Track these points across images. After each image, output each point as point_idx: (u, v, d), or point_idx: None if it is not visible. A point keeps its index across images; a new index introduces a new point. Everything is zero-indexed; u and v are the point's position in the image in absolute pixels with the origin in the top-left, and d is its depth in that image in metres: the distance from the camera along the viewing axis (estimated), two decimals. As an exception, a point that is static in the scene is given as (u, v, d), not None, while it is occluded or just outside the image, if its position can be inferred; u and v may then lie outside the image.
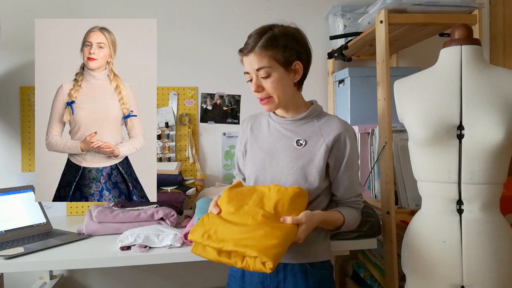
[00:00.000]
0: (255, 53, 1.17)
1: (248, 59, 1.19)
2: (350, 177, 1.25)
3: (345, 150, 1.23)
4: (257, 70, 1.18)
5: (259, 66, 1.17)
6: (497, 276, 1.20)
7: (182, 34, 2.13)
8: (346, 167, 1.24)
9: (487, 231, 1.21)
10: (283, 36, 1.18)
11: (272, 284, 1.22)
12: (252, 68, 1.18)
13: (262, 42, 1.17)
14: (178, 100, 2.13)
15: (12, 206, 1.64)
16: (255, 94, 1.22)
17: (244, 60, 1.21)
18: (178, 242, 1.45)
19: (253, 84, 1.20)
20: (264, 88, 1.19)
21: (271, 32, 1.18)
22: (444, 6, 1.52)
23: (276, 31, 1.18)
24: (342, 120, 1.27)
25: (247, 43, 1.20)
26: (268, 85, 1.18)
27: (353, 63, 2.00)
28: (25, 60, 2.00)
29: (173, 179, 1.77)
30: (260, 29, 1.20)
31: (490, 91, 1.22)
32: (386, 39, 1.50)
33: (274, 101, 1.21)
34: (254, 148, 1.31)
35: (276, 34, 1.18)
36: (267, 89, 1.19)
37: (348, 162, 1.24)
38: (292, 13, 2.19)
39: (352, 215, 1.26)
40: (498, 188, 1.23)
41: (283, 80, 1.19)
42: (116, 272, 2.08)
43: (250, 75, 1.20)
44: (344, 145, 1.23)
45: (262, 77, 1.18)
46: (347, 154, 1.23)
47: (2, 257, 1.33)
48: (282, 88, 1.20)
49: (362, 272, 1.91)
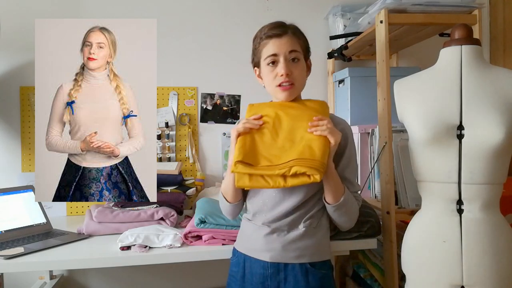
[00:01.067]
0: (289, 36, 1.19)
1: (280, 40, 1.18)
2: (349, 173, 1.26)
3: (346, 147, 1.25)
4: (290, 52, 1.18)
5: (293, 48, 1.18)
6: (497, 276, 1.20)
7: (182, 34, 2.13)
8: (345, 162, 1.25)
9: (487, 231, 1.21)
10: (299, 31, 1.24)
11: (273, 284, 1.22)
12: (284, 49, 1.17)
13: (292, 29, 1.21)
14: (178, 100, 2.13)
15: (12, 206, 1.64)
16: (277, 79, 1.19)
17: (272, 42, 1.19)
18: (178, 242, 1.45)
19: (283, 66, 1.17)
20: (292, 72, 1.19)
21: (294, 25, 1.23)
22: (444, 6, 1.52)
23: (294, 26, 1.24)
24: (341, 118, 1.30)
25: (275, 28, 1.19)
26: (296, 71, 1.19)
27: (353, 63, 2.00)
28: (25, 60, 2.00)
29: (173, 179, 1.77)
30: (279, 21, 1.23)
31: (490, 91, 1.22)
32: (386, 39, 1.50)
33: (296, 88, 1.21)
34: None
35: (299, 28, 1.24)
36: (294, 75, 1.19)
37: (347, 158, 1.25)
38: (292, 13, 2.19)
39: (353, 200, 1.24)
40: (498, 188, 1.23)
41: (304, 70, 1.23)
42: (116, 272, 2.08)
43: (277, 57, 1.18)
44: (345, 142, 1.24)
45: (292, 60, 1.19)
46: (347, 150, 1.25)
47: (2, 257, 1.33)
48: (303, 78, 1.23)
49: (362, 272, 1.91)
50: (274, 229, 1.22)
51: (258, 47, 1.22)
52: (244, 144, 1.15)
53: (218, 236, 1.46)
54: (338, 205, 1.20)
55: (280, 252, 1.21)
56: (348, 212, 1.23)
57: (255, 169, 1.12)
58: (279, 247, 1.21)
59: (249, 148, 1.15)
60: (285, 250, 1.21)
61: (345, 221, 1.26)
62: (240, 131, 1.18)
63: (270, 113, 1.21)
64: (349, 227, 1.31)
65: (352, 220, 1.28)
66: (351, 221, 1.28)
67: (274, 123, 1.19)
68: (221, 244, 1.46)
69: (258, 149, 1.15)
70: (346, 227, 1.30)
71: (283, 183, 1.11)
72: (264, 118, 1.20)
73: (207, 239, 1.46)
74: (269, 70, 1.20)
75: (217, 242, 1.46)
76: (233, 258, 1.34)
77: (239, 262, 1.28)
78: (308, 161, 1.09)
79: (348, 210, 1.23)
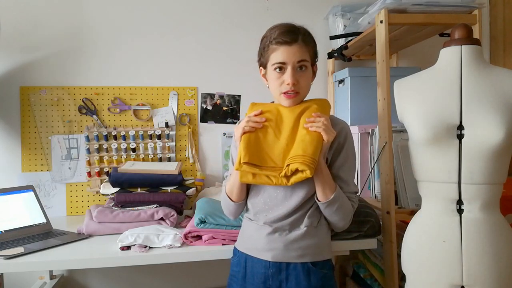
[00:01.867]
0: (299, 45, 1.17)
1: (291, 49, 1.16)
2: (344, 172, 1.25)
3: (343, 147, 1.25)
4: (299, 61, 1.17)
5: (302, 58, 1.17)
6: (497, 276, 1.19)
7: (182, 34, 2.13)
8: (341, 161, 1.25)
9: (487, 231, 1.21)
10: (309, 35, 1.22)
11: (275, 284, 1.22)
12: (293, 58, 1.16)
13: (303, 35, 1.18)
14: (178, 100, 2.13)
15: (12, 206, 1.64)
16: (283, 87, 1.19)
17: (282, 50, 1.17)
18: (178, 242, 1.45)
19: (290, 76, 1.16)
20: (299, 81, 1.19)
21: (304, 29, 1.21)
22: (444, 6, 1.52)
23: (305, 29, 1.21)
24: (341, 120, 1.30)
25: (286, 35, 1.17)
26: (302, 80, 1.19)
27: (353, 63, 2.00)
28: (25, 60, 2.00)
29: (173, 179, 1.77)
30: (290, 25, 1.20)
31: (490, 91, 1.22)
32: (386, 39, 1.50)
33: (300, 96, 1.22)
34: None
35: (309, 32, 1.22)
36: (300, 84, 1.19)
37: (344, 157, 1.25)
38: (292, 13, 2.19)
39: (345, 199, 1.23)
40: (498, 188, 1.23)
41: (310, 77, 1.23)
42: (116, 272, 2.08)
43: (285, 65, 1.18)
44: (343, 141, 1.25)
45: (299, 70, 1.18)
46: (344, 150, 1.25)
47: (2, 257, 1.33)
48: (308, 85, 1.23)
49: (362, 272, 1.91)
50: (276, 229, 1.22)
51: (267, 50, 1.21)
52: (248, 143, 1.16)
53: (218, 236, 1.46)
54: (328, 202, 1.19)
55: (282, 251, 1.21)
56: (339, 211, 1.21)
57: (260, 169, 1.14)
58: (281, 247, 1.21)
59: (254, 147, 1.16)
60: (287, 249, 1.21)
61: (338, 221, 1.24)
62: (246, 130, 1.18)
63: (272, 111, 1.22)
64: (342, 227, 1.28)
65: (345, 220, 1.25)
66: (344, 220, 1.25)
67: (277, 121, 1.20)
68: (221, 244, 1.46)
69: (262, 149, 1.17)
70: (339, 227, 1.27)
71: (285, 182, 1.14)
72: (266, 115, 1.21)
73: (207, 239, 1.46)
74: (276, 76, 1.20)
75: (217, 242, 1.46)
76: (234, 258, 1.34)
77: (240, 261, 1.29)
78: (300, 157, 1.11)
79: (340, 209, 1.21)
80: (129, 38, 2.08)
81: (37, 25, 2.01)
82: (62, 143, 2.02)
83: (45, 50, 2.02)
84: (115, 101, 2.07)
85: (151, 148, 2.07)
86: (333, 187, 1.20)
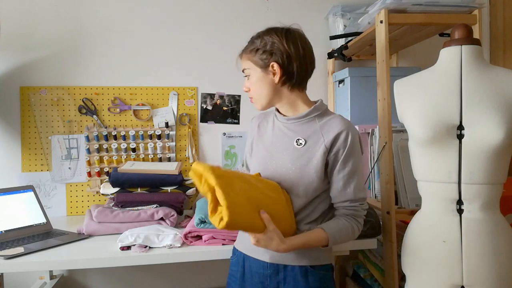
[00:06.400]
0: (241, 56, 1.28)
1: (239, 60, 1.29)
2: (344, 178, 1.18)
3: (343, 150, 1.18)
4: (242, 71, 1.28)
5: (242, 67, 1.28)
6: (497, 276, 1.19)
7: (182, 34, 2.13)
8: (341, 166, 1.18)
9: (487, 231, 1.21)
10: (261, 38, 1.23)
11: (272, 284, 1.21)
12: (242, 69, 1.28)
13: (246, 46, 1.27)
14: (178, 100, 2.13)
15: (12, 206, 1.64)
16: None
17: None
18: (178, 242, 1.45)
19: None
20: (250, 88, 1.28)
21: (255, 35, 1.27)
22: (444, 6, 1.52)
23: (260, 33, 1.25)
24: (345, 120, 1.22)
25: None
26: (252, 86, 1.26)
27: (353, 63, 2.00)
28: (25, 60, 2.00)
29: (173, 179, 1.77)
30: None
31: (490, 91, 1.22)
32: (386, 39, 1.50)
33: (256, 100, 1.28)
34: (259, 146, 1.31)
35: (255, 37, 1.26)
36: (251, 90, 1.27)
37: (344, 162, 1.18)
38: (292, 13, 2.19)
39: (341, 229, 1.17)
40: (498, 188, 1.23)
41: (261, 81, 1.24)
42: (116, 272, 2.08)
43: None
44: (342, 144, 1.18)
45: (247, 78, 1.27)
46: (344, 154, 1.18)
47: (2, 257, 1.33)
48: (260, 89, 1.25)
49: (362, 272, 1.91)
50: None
51: None
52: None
53: (218, 236, 1.46)
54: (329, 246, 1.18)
55: (280, 253, 1.20)
56: (342, 241, 1.19)
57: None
58: None
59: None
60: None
61: (344, 243, 1.23)
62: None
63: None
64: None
65: (349, 240, 1.23)
66: (348, 240, 1.23)
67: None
68: (221, 244, 1.46)
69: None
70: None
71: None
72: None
73: (207, 239, 1.46)
74: None
75: (217, 242, 1.46)
76: (233, 257, 1.33)
77: (239, 261, 1.28)
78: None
79: (341, 242, 1.19)
80: (129, 38, 2.08)
81: (37, 25, 2.01)
82: (62, 143, 2.02)
83: (45, 50, 2.02)
84: (115, 101, 2.07)
85: (151, 148, 2.07)
86: (321, 241, 1.16)
